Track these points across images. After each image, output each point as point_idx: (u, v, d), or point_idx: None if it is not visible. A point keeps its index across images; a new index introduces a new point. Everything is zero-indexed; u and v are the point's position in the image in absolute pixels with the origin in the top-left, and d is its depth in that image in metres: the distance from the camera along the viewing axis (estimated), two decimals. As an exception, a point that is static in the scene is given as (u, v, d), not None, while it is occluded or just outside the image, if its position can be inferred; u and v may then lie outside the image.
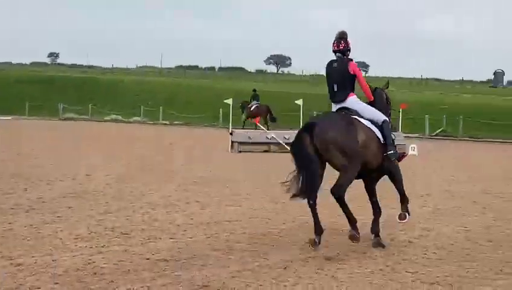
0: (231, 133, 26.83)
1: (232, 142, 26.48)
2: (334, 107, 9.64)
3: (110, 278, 7.30)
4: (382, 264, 8.22)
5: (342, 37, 9.61)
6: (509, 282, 7.61)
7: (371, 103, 9.75)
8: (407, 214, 9.62)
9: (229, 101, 29.59)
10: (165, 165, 19.63)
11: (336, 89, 9.55)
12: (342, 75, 9.50)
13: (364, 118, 9.34)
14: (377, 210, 9.51)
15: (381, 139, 9.32)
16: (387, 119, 9.64)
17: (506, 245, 9.56)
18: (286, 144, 26.60)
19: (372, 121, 9.39)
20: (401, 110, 32.09)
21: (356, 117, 9.27)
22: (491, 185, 16.93)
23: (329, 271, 7.81)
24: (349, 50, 9.63)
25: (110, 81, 71.17)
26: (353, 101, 9.51)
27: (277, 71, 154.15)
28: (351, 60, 9.57)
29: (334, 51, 9.64)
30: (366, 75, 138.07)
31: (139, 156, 22.59)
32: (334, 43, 9.63)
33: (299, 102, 30.27)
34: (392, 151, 9.31)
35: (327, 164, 9.04)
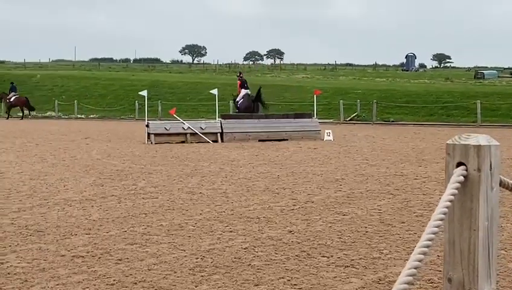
0: (147, 125, 26.68)
1: (149, 134, 26.35)
2: (245, 91, 35.20)
3: (24, 277, 7.16)
4: (298, 250, 8.33)
5: (241, 72, 40.46)
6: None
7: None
8: None
9: (144, 93, 29.49)
10: (80, 160, 19.35)
11: (245, 85, 35.63)
12: (247, 82, 35.99)
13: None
14: None
15: None
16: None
17: (418, 226, 9.82)
18: (203, 134, 26.66)
19: None
20: (315, 97, 32.55)
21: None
22: (404, 167, 17.34)
23: (246, 259, 7.87)
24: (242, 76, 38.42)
25: (22, 76, 69.42)
26: (248, 90, 35.05)
27: (192, 61, 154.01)
28: (245, 80, 37.36)
29: (240, 76, 37.63)
30: (282, 62, 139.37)
31: (53, 151, 22.20)
32: (239, 74, 38.41)
33: (214, 91, 30.38)
34: None
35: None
